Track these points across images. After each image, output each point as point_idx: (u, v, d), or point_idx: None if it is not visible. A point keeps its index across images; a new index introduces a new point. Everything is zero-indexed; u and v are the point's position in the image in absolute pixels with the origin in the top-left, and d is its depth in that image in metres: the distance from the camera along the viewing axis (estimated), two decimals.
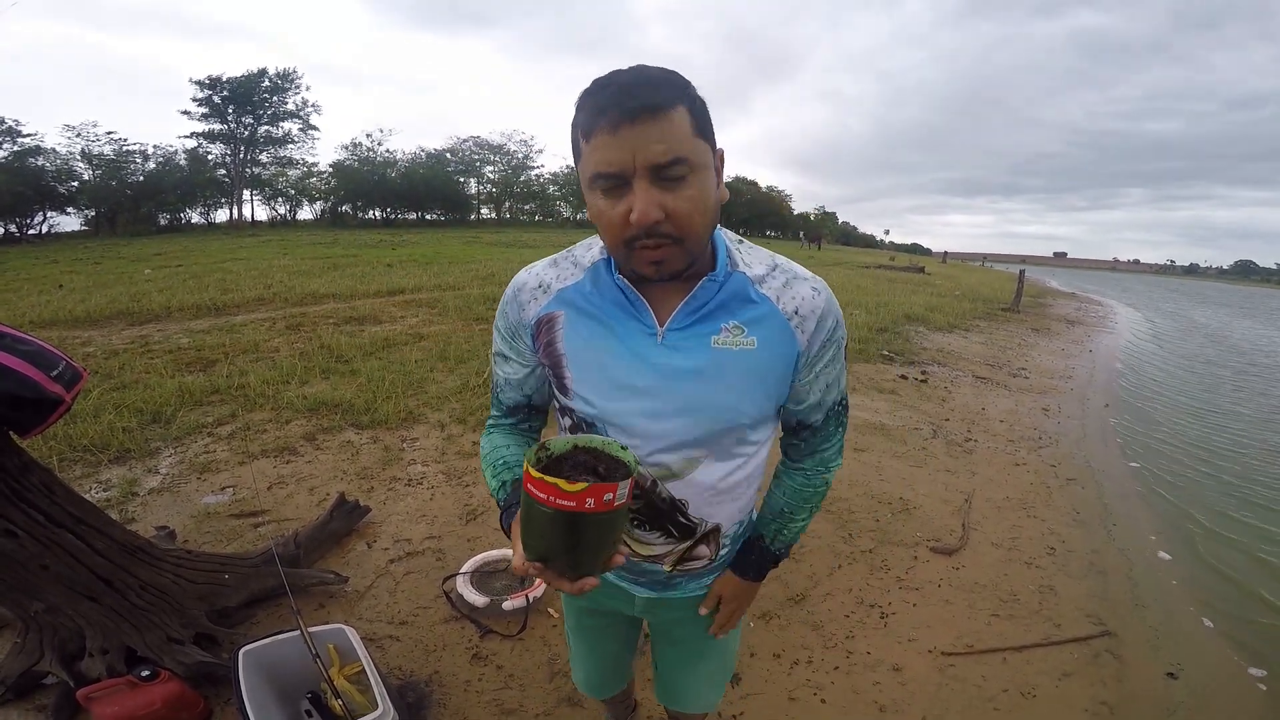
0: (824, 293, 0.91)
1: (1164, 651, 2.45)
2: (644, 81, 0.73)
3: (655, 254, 0.78)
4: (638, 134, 0.71)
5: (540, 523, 0.67)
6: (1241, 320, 20.92)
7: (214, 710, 1.88)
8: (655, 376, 0.88)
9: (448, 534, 2.92)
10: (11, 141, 26.31)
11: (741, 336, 0.87)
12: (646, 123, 0.71)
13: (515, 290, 0.97)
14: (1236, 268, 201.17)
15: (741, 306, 0.87)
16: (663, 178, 0.74)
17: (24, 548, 1.64)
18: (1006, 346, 8.97)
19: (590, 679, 1.44)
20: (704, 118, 0.78)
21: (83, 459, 3.49)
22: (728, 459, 0.95)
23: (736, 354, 0.87)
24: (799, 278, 0.91)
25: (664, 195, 0.74)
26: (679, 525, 0.99)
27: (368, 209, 37.66)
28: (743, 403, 0.90)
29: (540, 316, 0.94)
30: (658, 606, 1.15)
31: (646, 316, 0.88)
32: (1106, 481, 4.16)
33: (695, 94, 0.77)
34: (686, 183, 0.75)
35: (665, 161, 0.73)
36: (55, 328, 6.86)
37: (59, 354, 1.56)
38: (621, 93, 0.72)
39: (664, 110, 0.72)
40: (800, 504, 1.06)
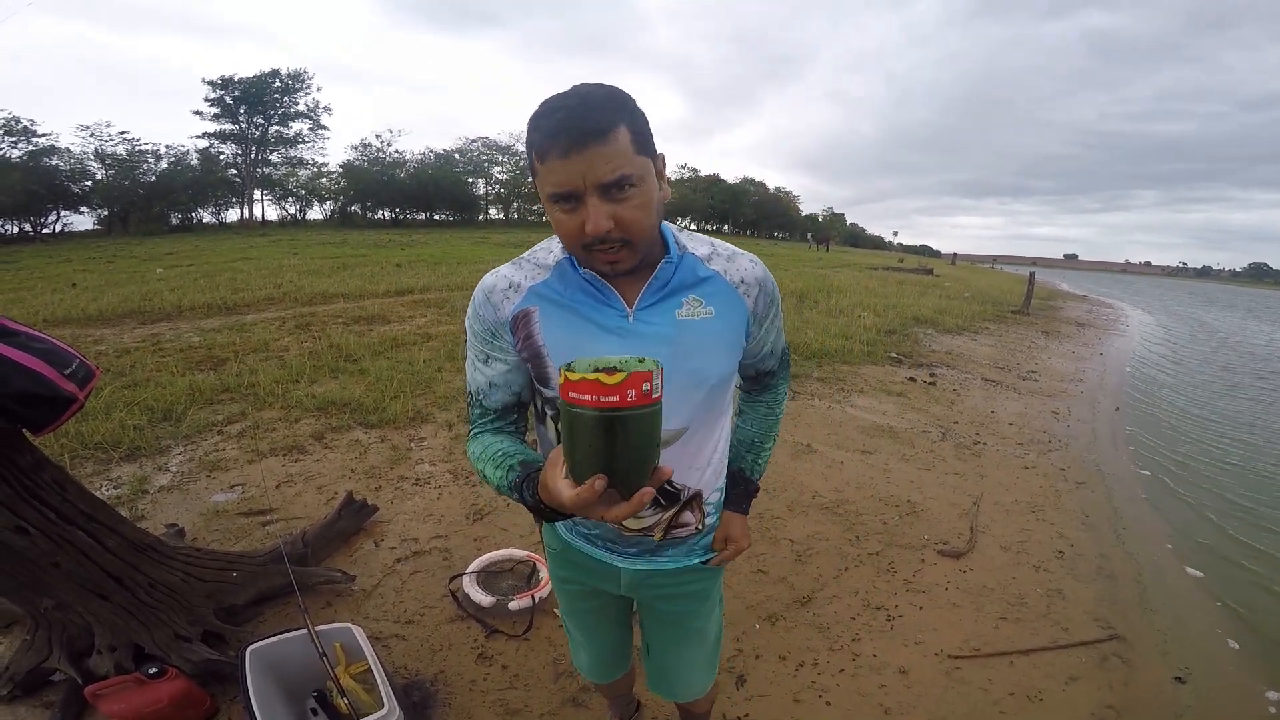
0: (759, 263, 1.06)
1: (1172, 656, 2.43)
2: (589, 107, 0.81)
3: (610, 256, 0.89)
4: (586, 158, 0.81)
5: (586, 433, 0.67)
6: (1257, 324, 20.71)
7: (221, 708, 1.90)
8: (632, 353, 0.93)
9: (454, 533, 2.93)
10: (26, 141, 26.61)
11: (701, 307, 0.99)
12: (592, 147, 0.80)
13: (486, 293, 1.03)
14: (1250, 270, 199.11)
15: (697, 282, 1.00)
16: (610, 193, 0.84)
17: (36, 545, 1.66)
18: (1016, 349, 8.91)
19: (593, 663, 1.48)
20: (644, 133, 0.87)
21: (94, 456, 3.53)
22: (703, 428, 1.06)
23: (699, 323, 0.99)
24: (737, 254, 1.05)
25: (613, 207, 0.84)
26: (664, 493, 1.09)
27: (377, 209, 37.82)
28: (708, 364, 1.01)
29: (516, 313, 1.01)
30: (644, 582, 1.21)
31: (616, 301, 0.98)
32: (1116, 485, 4.13)
33: (636, 110, 0.86)
34: (631, 194, 0.85)
35: (612, 180, 0.82)
36: (68, 326, 6.93)
37: (72, 352, 1.58)
38: (569, 118, 0.80)
39: (607, 134, 0.81)
40: (766, 432, 1.26)
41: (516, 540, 2.88)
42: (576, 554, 1.22)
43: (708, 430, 1.07)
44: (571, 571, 1.27)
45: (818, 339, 7.44)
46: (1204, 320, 20.50)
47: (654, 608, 1.29)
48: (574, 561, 1.24)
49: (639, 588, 1.23)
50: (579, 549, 1.21)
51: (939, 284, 18.38)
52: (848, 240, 78.35)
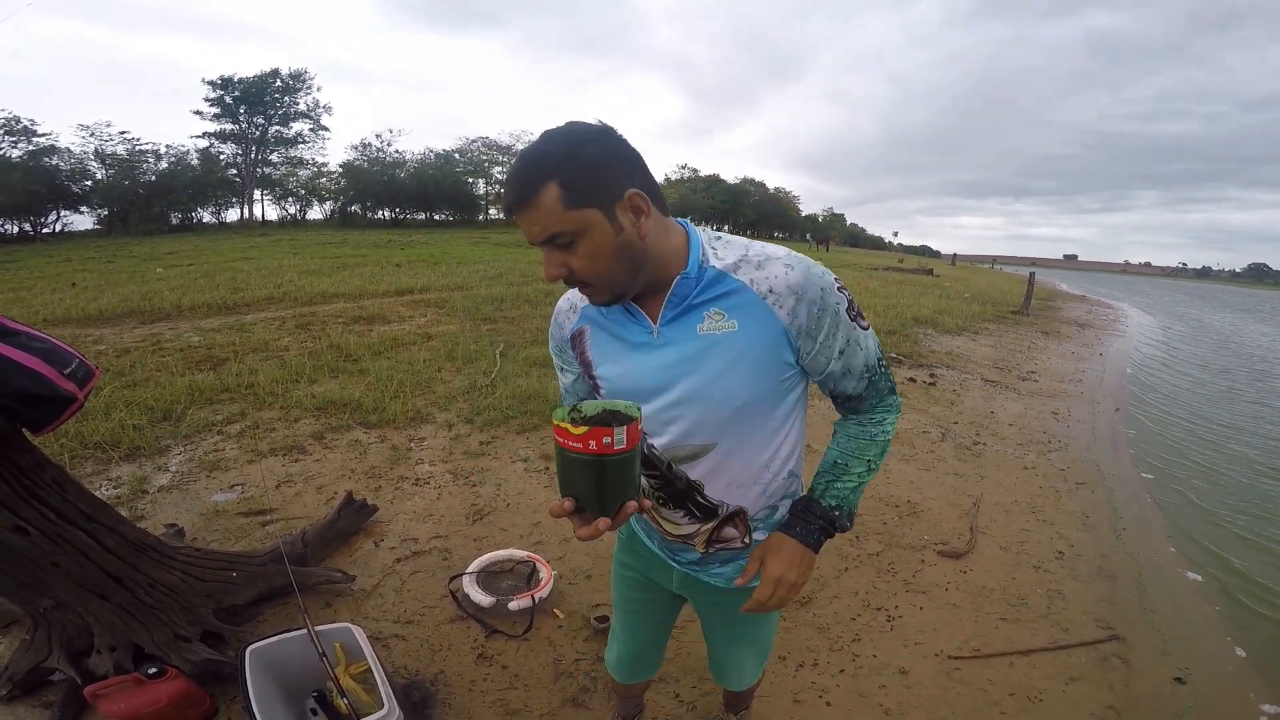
0: (799, 267, 0.95)
1: (1173, 656, 2.43)
2: (518, 174, 0.87)
3: (584, 291, 0.97)
4: (520, 220, 0.89)
5: (562, 465, 0.84)
6: (1259, 326, 20.70)
7: (220, 708, 1.90)
8: (658, 366, 1.00)
9: (454, 533, 2.93)
10: (27, 141, 26.54)
11: (723, 321, 0.96)
12: (520, 212, 0.88)
13: (555, 315, 1.16)
14: (1250, 271, 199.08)
15: (719, 295, 0.96)
16: (553, 245, 0.89)
17: (35, 545, 1.66)
18: (1016, 349, 8.92)
19: (621, 659, 1.52)
20: (579, 186, 0.86)
21: (94, 456, 3.53)
22: (741, 444, 1.03)
23: (721, 337, 0.96)
24: (772, 259, 0.97)
25: (562, 255, 0.90)
26: (699, 505, 1.09)
27: (377, 209, 37.74)
28: (732, 382, 0.98)
29: (574, 332, 1.12)
30: (693, 586, 1.24)
31: (642, 319, 1.01)
32: (1116, 486, 4.13)
33: (571, 164, 0.85)
34: (575, 245, 0.89)
35: (543, 239, 0.89)
36: (68, 325, 6.93)
37: (72, 351, 1.58)
38: (507, 188, 0.89)
39: (530, 199, 0.86)
40: (854, 455, 1.08)
41: (516, 541, 2.88)
42: (639, 543, 1.29)
43: (747, 451, 1.04)
44: (632, 558, 1.34)
45: None
46: (1203, 321, 20.50)
47: (706, 609, 1.33)
48: (636, 550, 1.31)
49: (690, 589, 1.26)
50: (641, 540, 1.28)
51: (939, 284, 18.39)
52: (848, 240, 78.34)
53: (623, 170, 0.90)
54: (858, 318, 1.01)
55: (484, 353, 6.04)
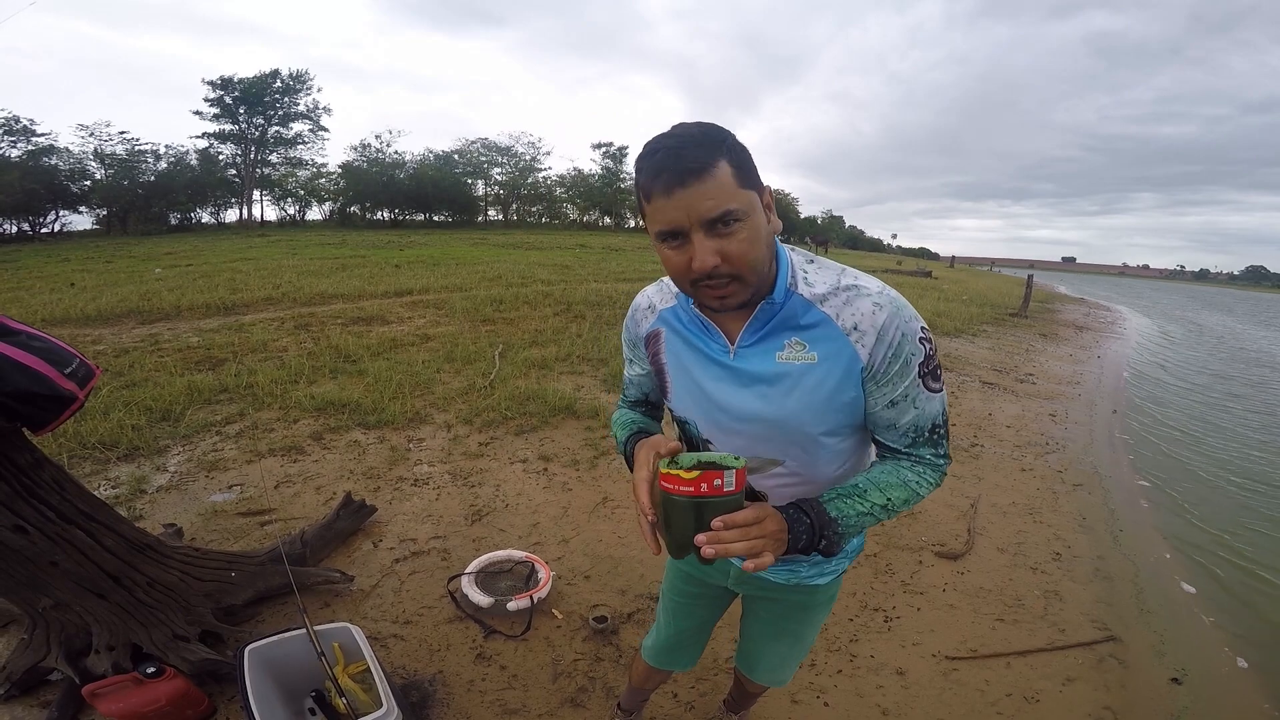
0: (887, 308, 0.93)
1: (1169, 657, 2.44)
2: (688, 144, 0.83)
3: (719, 292, 0.89)
4: (689, 195, 0.82)
5: (673, 512, 0.83)
6: (1258, 330, 20.74)
7: (218, 708, 1.90)
8: (730, 386, 1.01)
9: (453, 534, 2.93)
10: (26, 140, 26.54)
11: (804, 352, 0.96)
12: (694, 184, 0.82)
13: (633, 310, 1.17)
14: (1247, 273, 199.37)
15: (802, 325, 0.96)
16: (716, 228, 0.84)
17: (34, 544, 1.66)
18: (1014, 352, 8.93)
19: (658, 645, 1.56)
20: (746, 167, 0.86)
21: (92, 456, 3.53)
22: (809, 467, 1.04)
23: (800, 368, 0.96)
24: (863, 294, 0.95)
25: (719, 243, 0.85)
26: None
27: (376, 210, 37.74)
28: (805, 412, 0.98)
29: (649, 332, 1.13)
30: (750, 580, 1.28)
31: (719, 337, 1.01)
32: (1114, 488, 4.14)
33: (736, 144, 0.86)
34: (737, 229, 0.85)
35: (716, 216, 0.83)
36: (67, 325, 6.92)
37: (72, 351, 1.58)
38: (669, 157, 0.83)
39: (708, 170, 0.82)
40: (877, 485, 0.99)
41: (515, 541, 2.89)
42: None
43: (811, 471, 1.05)
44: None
45: None
46: (1199, 323, 20.53)
47: (755, 606, 1.40)
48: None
49: (745, 583, 1.31)
50: None
51: (937, 286, 18.41)
52: (846, 242, 78.37)
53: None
54: (928, 376, 0.96)
55: (483, 354, 6.05)
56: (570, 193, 45.86)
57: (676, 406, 1.12)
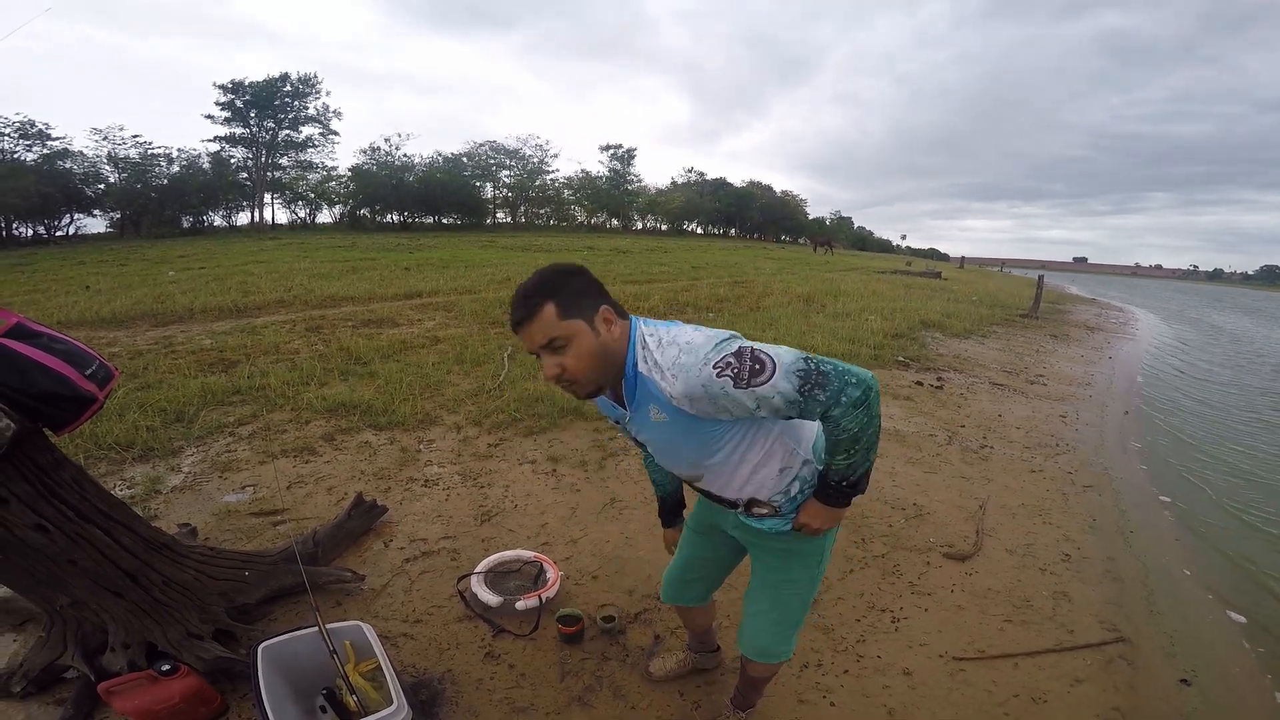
0: (681, 378, 1.19)
1: (1179, 658, 2.43)
2: (521, 300, 1.20)
3: (570, 390, 1.27)
4: (525, 331, 1.21)
5: None
6: (1270, 330, 20.51)
7: (231, 705, 1.93)
8: (640, 433, 1.40)
9: (462, 534, 2.96)
10: (41, 144, 26.87)
11: (658, 414, 1.29)
12: (526, 325, 1.20)
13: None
14: (1262, 273, 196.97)
15: (649, 396, 1.27)
16: (552, 349, 1.21)
17: (54, 543, 1.69)
18: (1024, 353, 8.88)
19: (669, 579, 1.86)
20: (570, 303, 1.21)
21: (108, 456, 3.58)
22: (721, 469, 1.39)
23: (661, 425, 1.31)
24: (664, 372, 1.22)
25: (557, 357, 1.22)
26: (720, 499, 1.48)
27: (385, 213, 37.92)
28: (682, 449, 1.37)
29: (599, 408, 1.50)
30: (744, 528, 1.55)
31: (616, 409, 1.38)
32: (1125, 489, 4.11)
33: (562, 286, 1.21)
34: (567, 348, 1.21)
35: (545, 343, 1.20)
36: (82, 328, 7.02)
37: (92, 353, 1.62)
38: (513, 308, 1.22)
39: (534, 314, 1.19)
40: (833, 446, 1.29)
41: (524, 541, 2.91)
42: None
43: (725, 473, 1.39)
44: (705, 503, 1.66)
45: (824, 342, 7.44)
46: (1211, 323, 20.33)
47: (753, 553, 1.63)
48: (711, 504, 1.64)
49: (741, 530, 1.58)
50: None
51: (947, 287, 18.31)
52: (855, 243, 78.05)
53: (595, 292, 1.25)
54: (751, 380, 1.16)
55: (492, 356, 6.08)
56: (578, 195, 45.97)
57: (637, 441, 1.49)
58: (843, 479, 1.33)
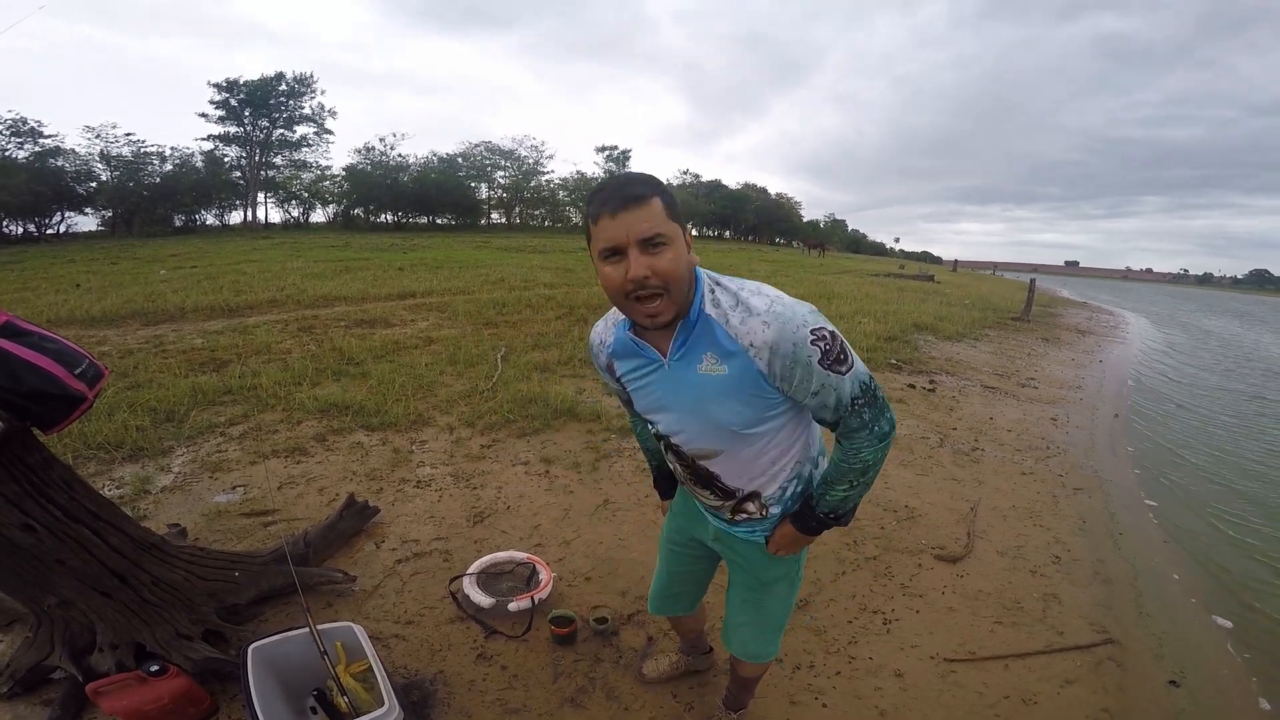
0: (774, 324, 1.12)
1: (1167, 660, 2.44)
2: (632, 180, 1.08)
3: (648, 306, 1.10)
4: (630, 217, 1.04)
5: None
6: (1257, 333, 20.69)
7: (221, 706, 1.92)
8: (668, 392, 1.25)
9: (455, 535, 2.95)
10: (33, 142, 26.67)
11: (716, 364, 1.17)
12: (634, 209, 1.04)
13: (590, 346, 1.41)
14: (1251, 277, 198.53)
15: (713, 341, 1.16)
16: (647, 247, 1.06)
17: (42, 542, 1.68)
18: (1016, 356, 8.93)
19: (655, 593, 1.82)
20: (674, 206, 1.10)
21: (96, 456, 3.55)
22: (741, 452, 1.28)
23: (714, 378, 1.18)
24: (753, 314, 1.14)
25: (650, 259, 1.06)
26: (719, 488, 1.37)
27: (379, 213, 37.81)
28: (724, 413, 1.21)
29: (605, 363, 1.37)
30: (724, 540, 1.52)
31: (651, 353, 1.24)
32: (1114, 491, 4.14)
33: (667, 189, 1.10)
34: (665, 249, 1.07)
35: (649, 236, 1.05)
36: (72, 326, 6.96)
37: (82, 352, 1.61)
38: (617, 188, 1.06)
39: (646, 200, 1.05)
40: (838, 475, 1.27)
41: (516, 543, 2.90)
42: (691, 502, 1.58)
43: (746, 456, 1.29)
44: (682, 511, 1.65)
45: None
46: (1198, 325, 20.49)
47: (730, 567, 1.59)
48: (687, 507, 1.61)
49: (720, 542, 1.54)
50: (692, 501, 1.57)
51: (940, 290, 18.41)
52: (849, 246, 78.31)
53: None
54: (834, 364, 1.14)
55: (485, 356, 6.07)
56: (573, 196, 45.97)
57: (640, 411, 1.37)
58: (833, 511, 1.31)
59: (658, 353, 1.22)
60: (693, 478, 1.39)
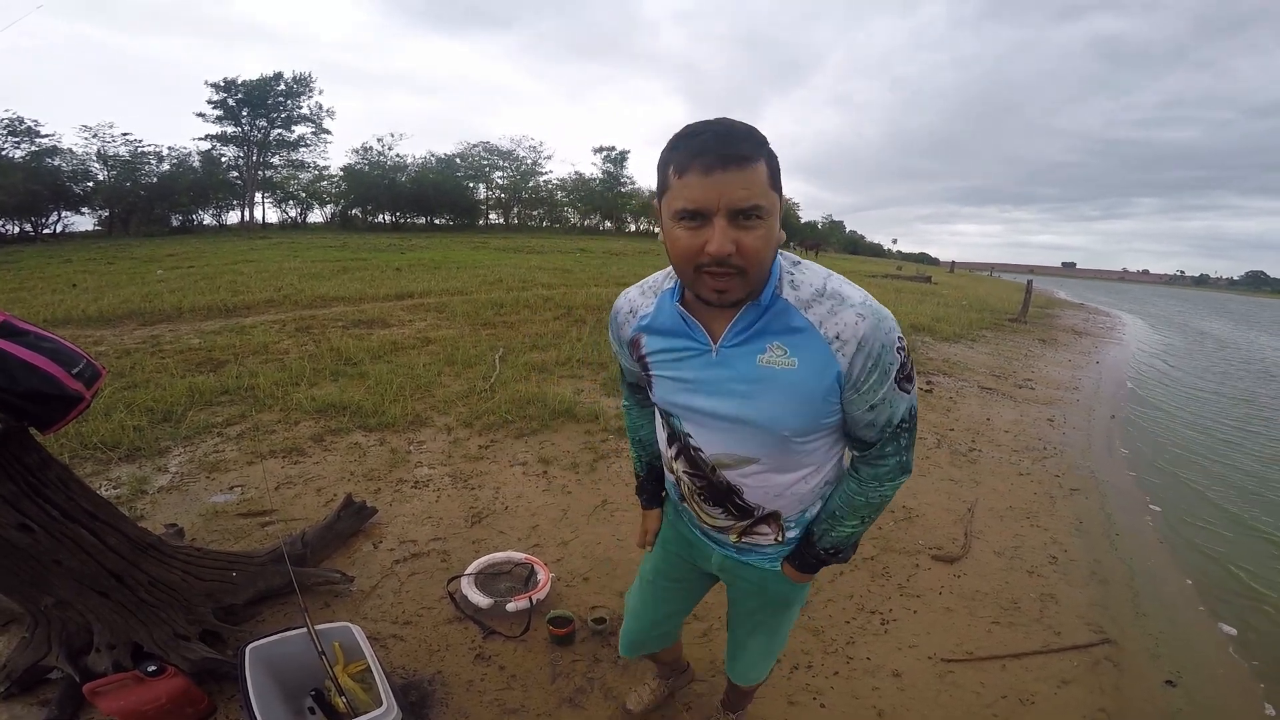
0: (870, 318, 0.97)
1: (1164, 660, 2.45)
2: (736, 134, 0.86)
3: (720, 283, 0.91)
4: (728, 179, 0.84)
5: None
6: (1255, 334, 20.75)
7: (218, 706, 1.91)
8: (711, 385, 1.05)
9: (453, 536, 2.95)
10: (29, 141, 26.61)
11: (784, 356, 0.99)
12: (735, 171, 0.84)
13: (615, 313, 1.20)
14: (1247, 279, 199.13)
15: (785, 330, 0.99)
16: (738, 219, 0.86)
17: (39, 543, 1.68)
18: (1013, 357, 8.95)
19: (635, 640, 1.61)
20: (778, 172, 0.90)
21: (93, 456, 3.55)
22: (781, 463, 1.10)
23: (779, 372, 0.99)
24: (847, 304, 0.98)
25: (739, 233, 0.87)
26: (736, 506, 1.18)
27: (377, 213, 37.80)
28: (783, 415, 1.02)
29: (631, 337, 1.17)
30: (731, 568, 1.33)
31: (700, 335, 1.04)
32: (1111, 492, 4.15)
33: (772, 151, 0.90)
34: (758, 225, 0.88)
35: (746, 207, 0.86)
36: (68, 326, 6.94)
37: (79, 352, 1.60)
38: (717, 140, 0.85)
39: (750, 162, 0.85)
40: (849, 510, 1.15)
41: (514, 543, 2.90)
42: (685, 526, 1.38)
43: (784, 468, 1.11)
44: (675, 539, 1.43)
45: None
46: (1193, 325, 20.55)
47: (737, 595, 1.42)
48: (681, 533, 1.40)
49: (727, 572, 1.36)
50: (686, 524, 1.37)
51: (937, 291, 18.44)
52: (846, 247, 78.42)
53: None
54: (904, 380, 1.02)
55: (483, 357, 6.06)
56: (571, 197, 45.96)
57: (660, 402, 1.16)
58: (836, 549, 1.21)
59: (708, 336, 1.03)
60: (703, 491, 1.19)
